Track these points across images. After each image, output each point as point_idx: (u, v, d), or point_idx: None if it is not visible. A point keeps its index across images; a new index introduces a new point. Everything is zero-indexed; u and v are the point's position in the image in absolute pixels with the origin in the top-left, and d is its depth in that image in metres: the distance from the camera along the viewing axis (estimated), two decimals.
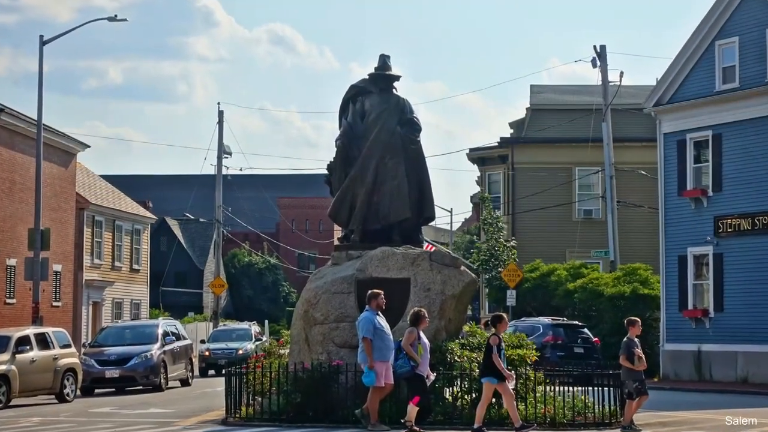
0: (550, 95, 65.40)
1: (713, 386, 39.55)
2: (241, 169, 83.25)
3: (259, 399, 24.73)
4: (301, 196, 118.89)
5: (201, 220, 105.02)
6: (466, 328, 25.83)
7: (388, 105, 26.29)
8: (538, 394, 23.50)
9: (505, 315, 21.88)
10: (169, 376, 40.45)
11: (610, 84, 54.09)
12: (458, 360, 23.49)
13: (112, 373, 39.24)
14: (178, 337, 42.74)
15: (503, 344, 21.43)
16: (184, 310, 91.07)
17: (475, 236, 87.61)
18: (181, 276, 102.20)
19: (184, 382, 42.57)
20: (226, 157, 69.53)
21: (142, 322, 48.49)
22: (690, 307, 43.31)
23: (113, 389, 39.96)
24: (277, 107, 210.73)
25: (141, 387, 39.68)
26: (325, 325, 24.65)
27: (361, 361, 21.59)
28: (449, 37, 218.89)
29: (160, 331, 41.16)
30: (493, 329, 21.41)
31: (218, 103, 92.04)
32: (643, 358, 22.74)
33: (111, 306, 63.51)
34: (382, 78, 26.53)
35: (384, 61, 26.57)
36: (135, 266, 66.93)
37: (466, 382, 23.38)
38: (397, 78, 26.65)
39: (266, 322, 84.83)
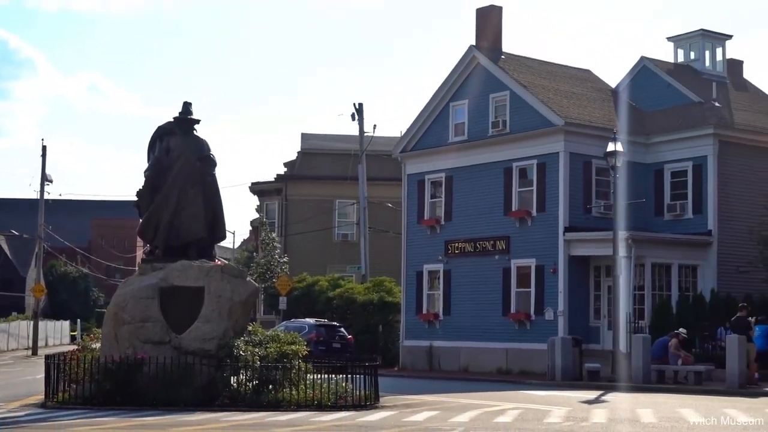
0: (318, 142, 65.42)
1: (442, 374, 40.02)
2: (60, 195, 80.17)
3: (74, 386, 23.69)
4: (110, 217, 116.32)
5: (25, 236, 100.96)
6: (249, 327, 25.40)
7: (190, 144, 25.88)
8: (308, 382, 23.22)
9: None
10: None
11: (366, 134, 54.54)
12: (243, 354, 23.10)
13: None
14: None
15: None
16: (9, 310, 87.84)
17: (253, 253, 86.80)
18: (6, 282, 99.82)
19: None
20: (48, 184, 67.03)
21: None
22: (424, 311, 43.80)
23: None
24: (91, 143, 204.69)
25: None
26: (132, 324, 23.87)
27: None
28: (237, 88, 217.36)
29: None
30: None
31: (42, 139, 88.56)
32: None
33: None
34: (185, 121, 26.08)
35: (186, 107, 26.16)
36: None
37: (249, 372, 22.98)
38: (197, 122, 26.22)
39: (78, 321, 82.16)
